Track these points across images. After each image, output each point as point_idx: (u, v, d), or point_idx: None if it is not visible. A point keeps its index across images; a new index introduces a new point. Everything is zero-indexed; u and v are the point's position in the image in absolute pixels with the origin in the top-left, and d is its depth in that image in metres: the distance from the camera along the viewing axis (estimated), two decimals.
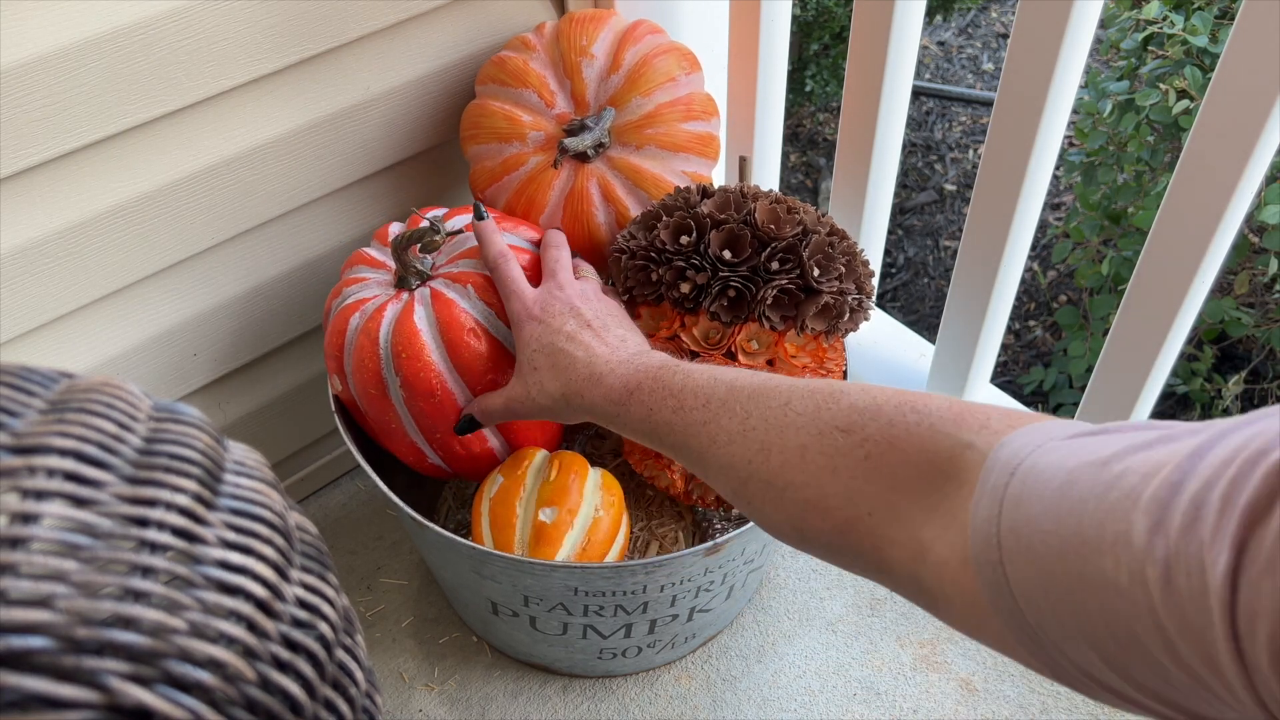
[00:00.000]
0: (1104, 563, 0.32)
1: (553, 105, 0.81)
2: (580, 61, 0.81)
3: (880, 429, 0.45)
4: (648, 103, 0.80)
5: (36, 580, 0.20)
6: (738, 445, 0.51)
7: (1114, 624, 0.32)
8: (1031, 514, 0.36)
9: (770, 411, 0.50)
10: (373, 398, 0.74)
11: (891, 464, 0.44)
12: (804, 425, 0.48)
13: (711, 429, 0.53)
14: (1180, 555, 0.29)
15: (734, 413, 0.52)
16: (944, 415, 0.44)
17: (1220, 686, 0.29)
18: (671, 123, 0.81)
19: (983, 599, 0.38)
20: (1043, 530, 0.35)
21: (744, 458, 0.51)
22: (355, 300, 0.75)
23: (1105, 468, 0.33)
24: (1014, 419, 0.42)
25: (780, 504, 0.49)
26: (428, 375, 0.72)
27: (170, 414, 0.27)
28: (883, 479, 0.44)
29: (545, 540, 0.73)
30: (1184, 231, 0.71)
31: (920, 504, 0.43)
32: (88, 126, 0.68)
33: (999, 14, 2.81)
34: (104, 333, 0.79)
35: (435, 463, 0.79)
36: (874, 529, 0.44)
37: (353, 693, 0.27)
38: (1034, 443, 0.38)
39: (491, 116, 0.82)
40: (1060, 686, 0.85)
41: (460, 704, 0.86)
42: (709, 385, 0.55)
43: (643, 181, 0.81)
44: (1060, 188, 2.25)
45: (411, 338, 0.72)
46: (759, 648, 0.89)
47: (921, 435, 0.43)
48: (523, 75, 0.81)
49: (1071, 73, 0.74)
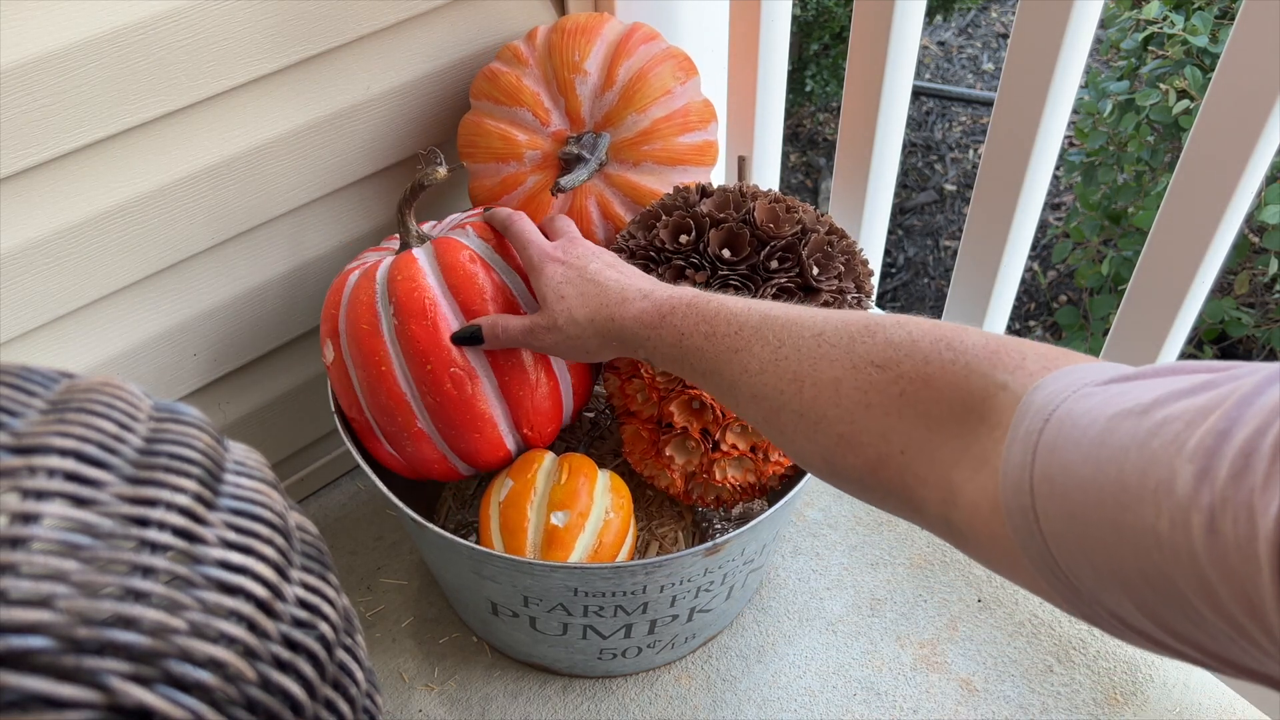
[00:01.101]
0: (1144, 510, 0.32)
1: (548, 124, 0.81)
2: (574, 79, 0.79)
3: (915, 366, 0.44)
4: (643, 119, 0.79)
5: (37, 580, 0.20)
6: (769, 374, 0.50)
7: (1151, 571, 0.32)
8: (1067, 460, 0.35)
9: (803, 341, 0.49)
10: (364, 334, 0.72)
11: (925, 401, 0.44)
12: (838, 358, 0.48)
13: (743, 357, 0.52)
14: (1228, 502, 0.29)
15: (766, 341, 0.51)
16: (979, 354, 0.43)
17: (1261, 634, 0.29)
18: (668, 138, 0.80)
19: (1014, 544, 0.38)
20: (1079, 477, 0.34)
21: (776, 387, 0.50)
22: (357, 264, 0.77)
23: (1146, 415, 0.33)
24: (1050, 358, 0.41)
25: (812, 436, 0.48)
26: (420, 295, 0.71)
27: (170, 414, 0.27)
28: (916, 416, 0.44)
29: (557, 544, 0.73)
30: (1184, 231, 0.71)
31: (953, 444, 0.42)
32: (88, 126, 0.68)
33: (999, 14, 2.81)
34: (104, 333, 0.79)
35: (423, 427, 0.74)
36: (906, 467, 0.44)
37: (353, 693, 0.27)
38: (1069, 387, 0.38)
39: (487, 136, 0.81)
40: (1060, 686, 0.85)
41: (460, 704, 0.86)
42: (743, 313, 0.54)
43: (640, 198, 0.81)
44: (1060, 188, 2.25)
45: (408, 264, 0.72)
46: (759, 648, 0.89)
47: (956, 374, 0.43)
48: (516, 94, 0.80)
49: (1071, 73, 0.74)
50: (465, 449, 0.75)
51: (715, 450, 0.76)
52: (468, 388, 0.72)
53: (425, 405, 0.73)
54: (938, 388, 0.43)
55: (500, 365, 0.73)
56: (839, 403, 0.47)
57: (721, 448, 0.76)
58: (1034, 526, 0.37)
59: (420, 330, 0.71)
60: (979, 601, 0.91)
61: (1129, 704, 0.84)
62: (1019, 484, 0.37)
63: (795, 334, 0.50)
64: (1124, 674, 0.86)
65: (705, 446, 0.76)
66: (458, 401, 0.72)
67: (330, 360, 0.76)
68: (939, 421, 0.43)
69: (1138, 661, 0.87)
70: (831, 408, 0.47)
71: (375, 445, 0.78)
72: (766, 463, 0.77)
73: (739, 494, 0.79)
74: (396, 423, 0.74)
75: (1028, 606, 0.91)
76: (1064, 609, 0.39)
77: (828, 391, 0.47)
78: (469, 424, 0.73)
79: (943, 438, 0.43)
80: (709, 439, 0.76)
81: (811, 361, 0.49)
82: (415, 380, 0.72)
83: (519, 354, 0.73)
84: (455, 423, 0.73)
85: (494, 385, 0.74)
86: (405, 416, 0.73)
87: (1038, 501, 0.36)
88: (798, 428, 0.49)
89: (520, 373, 0.73)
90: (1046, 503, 0.36)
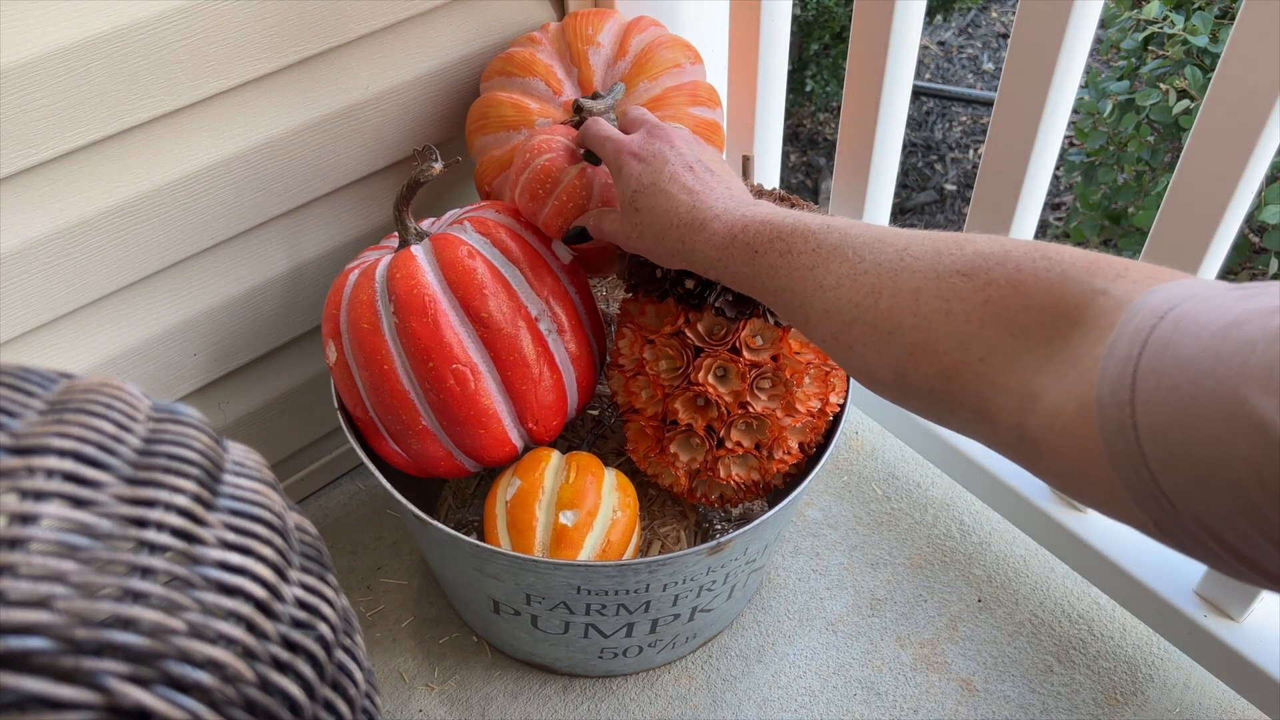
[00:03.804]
0: (1268, 402, 0.31)
1: (560, 93, 0.82)
2: (587, 49, 0.82)
3: (1006, 274, 0.44)
4: (655, 86, 0.81)
5: (35, 581, 0.20)
6: (845, 289, 0.49)
7: (1267, 467, 0.31)
8: (1182, 354, 0.34)
9: (885, 256, 0.48)
10: (365, 334, 0.72)
11: (1012, 308, 0.43)
12: (921, 269, 0.47)
13: (819, 273, 0.51)
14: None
15: (845, 257, 0.50)
16: (1077, 263, 0.42)
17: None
18: (679, 106, 0.82)
19: (1097, 446, 0.37)
20: (1194, 369, 0.34)
21: (850, 300, 0.49)
22: (357, 263, 0.77)
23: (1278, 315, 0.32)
24: (1156, 272, 0.40)
25: (884, 348, 0.47)
26: (419, 292, 0.71)
27: (169, 414, 0.27)
28: (1000, 323, 0.43)
29: (566, 543, 0.73)
30: (1184, 231, 0.71)
31: (1039, 351, 0.42)
32: (88, 126, 0.68)
33: (999, 14, 2.81)
34: (104, 333, 0.79)
35: (428, 425, 0.74)
36: (983, 375, 0.43)
37: (352, 693, 0.27)
38: (1188, 293, 0.37)
39: (499, 106, 0.82)
40: (1060, 686, 0.85)
41: (460, 704, 0.86)
42: (821, 230, 0.53)
43: None
44: (1060, 188, 2.25)
45: (406, 262, 0.72)
46: (759, 648, 0.89)
47: (1050, 280, 0.42)
48: (530, 65, 0.82)
49: (1071, 73, 0.74)
50: (471, 445, 0.75)
51: (720, 447, 0.76)
52: (471, 384, 0.72)
53: (429, 403, 0.73)
54: (1028, 294, 0.42)
55: (503, 360, 0.73)
56: (917, 311, 0.46)
57: (726, 445, 0.76)
58: (1129, 425, 0.36)
59: (421, 328, 0.71)
60: (979, 601, 0.91)
61: (1129, 704, 0.84)
62: (1119, 378, 0.36)
63: (877, 249, 0.49)
64: (1124, 674, 0.86)
65: (710, 443, 0.76)
66: (461, 398, 0.72)
67: (333, 360, 0.76)
68: (1025, 328, 0.42)
69: (1138, 661, 0.87)
70: (908, 317, 0.46)
71: (380, 444, 0.78)
72: (770, 460, 0.77)
73: (743, 492, 0.79)
74: (401, 421, 0.74)
75: (1028, 606, 0.91)
76: (1139, 526, 0.38)
77: (906, 301, 0.46)
78: (473, 420, 0.73)
79: (1028, 344, 0.42)
80: (713, 436, 0.76)
81: (892, 274, 0.48)
82: (418, 378, 0.72)
83: (521, 349, 0.73)
84: (460, 419, 0.73)
85: (497, 381, 0.73)
86: (409, 414, 0.73)
87: (1138, 396, 0.35)
88: (868, 340, 0.48)
89: (523, 367, 0.73)
90: (1149, 397, 0.35)
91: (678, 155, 0.63)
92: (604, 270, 0.87)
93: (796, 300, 0.53)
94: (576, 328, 0.77)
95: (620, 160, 0.65)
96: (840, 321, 0.50)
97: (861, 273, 0.49)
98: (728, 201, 0.60)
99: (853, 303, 0.49)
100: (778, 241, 0.54)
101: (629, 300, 0.78)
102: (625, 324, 0.78)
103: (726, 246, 0.57)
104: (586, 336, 0.78)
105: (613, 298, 0.98)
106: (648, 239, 0.63)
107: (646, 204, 0.62)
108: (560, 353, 0.76)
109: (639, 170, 0.63)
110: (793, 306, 0.53)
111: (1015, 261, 0.44)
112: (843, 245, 0.51)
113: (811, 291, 0.51)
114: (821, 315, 0.51)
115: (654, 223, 0.62)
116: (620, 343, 0.78)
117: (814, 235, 0.53)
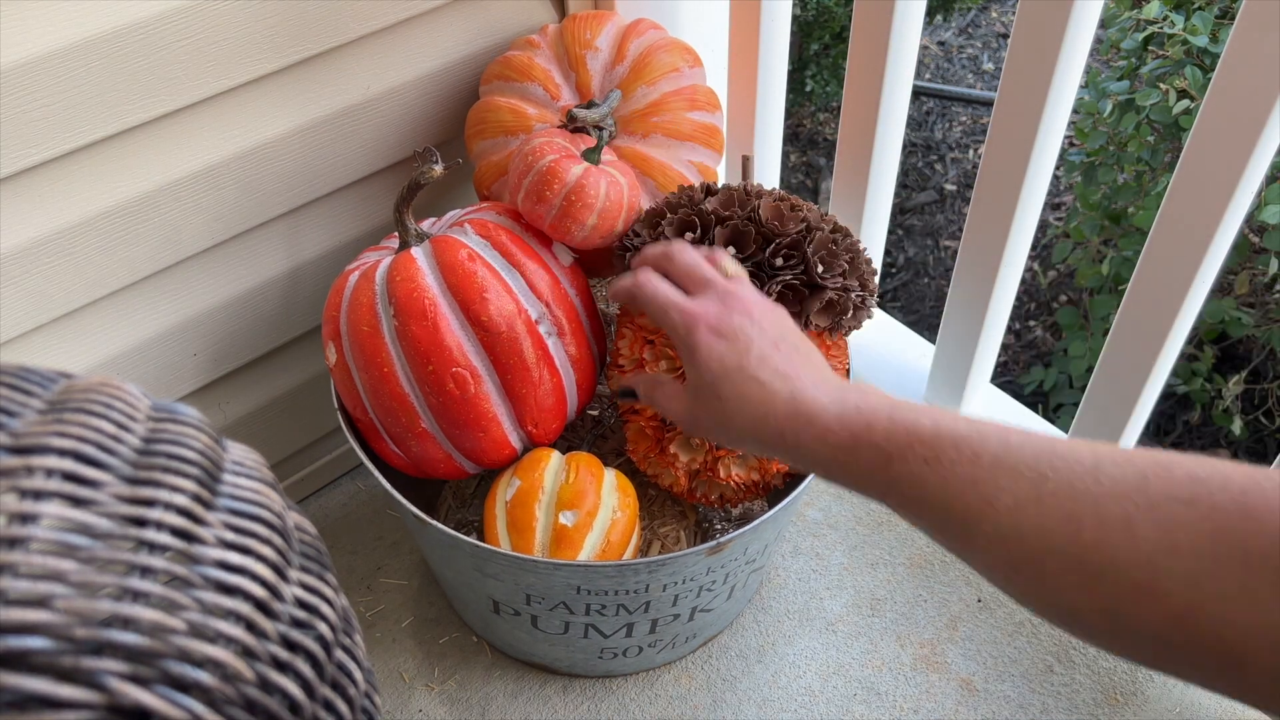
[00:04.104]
0: None
1: (558, 98, 0.82)
2: (585, 54, 0.82)
3: (1231, 497, 0.39)
4: (653, 91, 0.81)
5: (35, 580, 0.20)
6: (1029, 513, 0.43)
7: None
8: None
9: (1075, 476, 0.42)
10: (365, 336, 0.72)
11: (1247, 536, 0.38)
12: (1126, 494, 0.41)
13: (985, 490, 0.44)
14: None
15: (1019, 473, 0.44)
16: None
17: None
18: (677, 111, 0.82)
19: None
20: None
21: (1039, 527, 0.42)
22: (356, 264, 0.77)
23: None
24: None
25: (1093, 587, 0.41)
26: (419, 296, 0.71)
27: (169, 414, 0.27)
28: (1235, 556, 0.38)
29: (566, 543, 0.73)
30: (1184, 231, 0.71)
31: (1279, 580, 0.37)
32: (88, 126, 0.68)
33: (999, 14, 2.81)
34: (103, 333, 0.79)
35: (427, 427, 0.74)
36: (1222, 615, 0.38)
37: (351, 693, 0.27)
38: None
39: (497, 111, 0.82)
40: (1060, 686, 0.85)
41: (460, 704, 0.86)
42: (974, 436, 0.46)
43: (650, 170, 0.81)
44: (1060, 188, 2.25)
45: (406, 264, 0.72)
46: (759, 648, 0.89)
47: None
48: (528, 69, 0.82)
49: (1071, 73, 0.74)
50: (470, 448, 0.75)
51: (719, 448, 0.76)
52: (470, 387, 0.72)
53: (429, 405, 0.73)
54: (1259, 518, 0.38)
55: (503, 364, 0.73)
56: (1135, 546, 0.40)
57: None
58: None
59: (421, 331, 0.71)
60: (979, 601, 0.91)
61: (1129, 704, 0.84)
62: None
63: (1061, 467, 0.43)
64: (1124, 674, 0.86)
65: (709, 444, 0.76)
66: (461, 401, 0.72)
67: (333, 362, 0.76)
68: (1263, 557, 0.38)
69: None
70: (1125, 552, 0.40)
71: (380, 445, 0.78)
72: (770, 460, 0.77)
73: (743, 492, 0.79)
74: (401, 423, 0.74)
75: None
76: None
77: (1118, 533, 0.41)
78: (473, 423, 0.73)
79: (1267, 576, 0.38)
80: None
81: (1092, 500, 0.42)
82: (418, 381, 0.72)
83: (521, 352, 0.73)
84: (459, 422, 0.73)
85: (497, 384, 0.73)
86: (409, 417, 0.74)
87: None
88: (1069, 577, 0.42)
89: (523, 371, 0.73)
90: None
91: (760, 332, 0.55)
92: (604, 270, 0.87)
93: (955, 518, 0.45)
94: (576, 330, 0.77)
95: (694, 337, 0.55)
96: (1025, 552, 0.43)
97: (1048, 494, 0.43)
98: (827, 388, 0.52)
99: (1042, 529, 0.42)
100: (918, 446, 0.47)
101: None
102: (625, 324, 0.78)
103: (849, 448, 0.49)
104: (586, 338, 0.78)
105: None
106: (732, 431, 0.54)
107: (733, 392, 0.53)
108: (560, 355, 0.76)
109: (722, 351, 0.54)
110: (947, 524, 0.46)
111: (1238, 484, 0.39)
112: (1008, 457, 0.44)
113: (981, 510, 0.44)
114: (996, 540, 0.44)
115: (743, 413, 0.53)
116: (620, 343, 0.78)
117: (967, 442, 0.46)
